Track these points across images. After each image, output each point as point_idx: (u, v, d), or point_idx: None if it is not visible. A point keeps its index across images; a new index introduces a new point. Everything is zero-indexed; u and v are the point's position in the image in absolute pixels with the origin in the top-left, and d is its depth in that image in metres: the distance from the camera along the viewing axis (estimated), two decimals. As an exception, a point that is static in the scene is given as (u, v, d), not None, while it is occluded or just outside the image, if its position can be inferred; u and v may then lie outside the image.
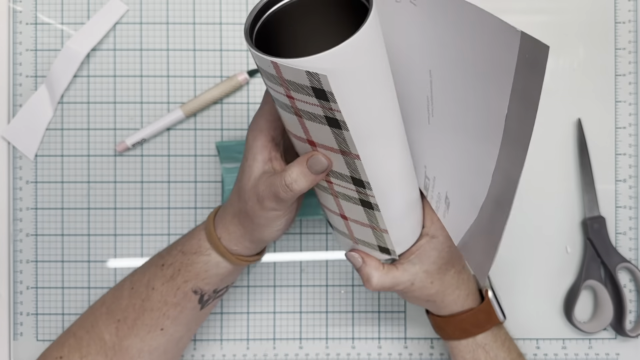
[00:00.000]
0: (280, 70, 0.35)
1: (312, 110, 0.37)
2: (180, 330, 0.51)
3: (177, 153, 0.63)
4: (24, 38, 0.62)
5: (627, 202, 0.63)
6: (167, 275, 0.50)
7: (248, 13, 0.38)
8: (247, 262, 0.49)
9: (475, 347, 0.52)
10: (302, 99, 0.37)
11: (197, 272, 0.49)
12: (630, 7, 0.63)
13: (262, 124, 0.44)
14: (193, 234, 0.50)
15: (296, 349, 0.63)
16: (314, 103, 0.36)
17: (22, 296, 0.62)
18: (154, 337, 0.50)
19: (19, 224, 0.63)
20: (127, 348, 0.50)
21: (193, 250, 0.49)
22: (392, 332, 0.64)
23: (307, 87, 0.35)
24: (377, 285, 0.49)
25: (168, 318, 0.50)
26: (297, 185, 0.41)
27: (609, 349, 0.63)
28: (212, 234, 0.48)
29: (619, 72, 0.63)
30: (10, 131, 0.62)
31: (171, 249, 0.51)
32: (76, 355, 0.51)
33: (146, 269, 0.52)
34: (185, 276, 0.49)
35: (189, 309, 0.50)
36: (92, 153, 0.63)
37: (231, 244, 0.48)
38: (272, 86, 0.38)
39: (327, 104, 0.36)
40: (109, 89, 0.63)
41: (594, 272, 0.62)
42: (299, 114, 0.38)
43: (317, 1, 0.39)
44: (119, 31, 0.63)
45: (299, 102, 0.37)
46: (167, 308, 0.50)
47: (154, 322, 0.50)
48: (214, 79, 0.63)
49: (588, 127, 0.63)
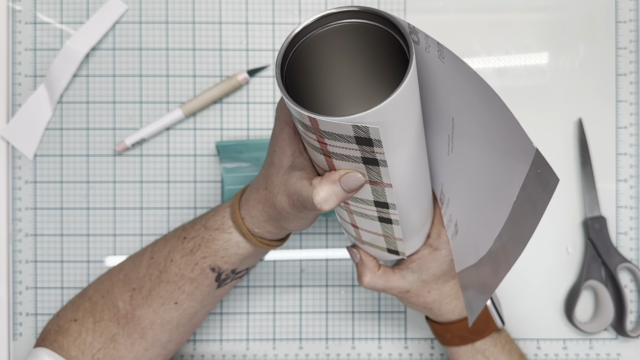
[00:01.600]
0: (318, 123, 0.34)
1: (348, 153, 0.37)
2: (195, 307, 0.51)
3: (176, 153, 0.63)
4: (23, 37, 0.62)
5: (628, 202, 0.63)
6: (187, 248, 0.49)
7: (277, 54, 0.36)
8: (269, 246, 0.48)
9: (474, 352, 0.52)
10: (338, 145, 0.36)
11: (216, 249, 0.48)
12: (631, 7, 0.63)
13: (288, 115, 0.42)
14: (218, 209, 0.49)
15: (296, 349, 0.63)
16: (353, 148, 0.36)
17: (21, 296, 0.62)
18: (167, 310, 0.50)
19: (18, 224, 0.62)
20: (140, 318, 0.50)
21: (215, 227, 0.48)
22: (392, 332, 0.63)
23: (350, 136, 0.35)
24: (367, 284, 0.51)
25: (183, 292, 0.50)
26: (327, 205, 0.38)
27: (609, 349, 0.63)
28: (236, 212, 0.47)
29: (619, 71, 0.63)
30: (10, 131, 0.62)
31: (195, 222, 0.50)
32: (90, 319, 0.51)
33: (168, 240, 0.51)
34: (204, 252, 0.48)
35: (205, 285, 0.50)
36: (91, 153, 0.63)
37: (254, 226, 0.47)
38: (303, 131, 0.37)
39: (369, 149, 0.36)
40: (109, 89, 0.63)
41: (594, 272, 0.62)
42: (328, 154, 0.38)
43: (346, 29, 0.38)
44: (119, 30, 0.63)
45: (332, 147, 0.36)
46: (184, 282, 0.49)
47: (168, 294, 0.50)
48: (214, 78, 0.63)
49: (589, 127, 0.63)
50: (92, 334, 0.50)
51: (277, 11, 0.63)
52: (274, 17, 0.63)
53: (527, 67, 0.63)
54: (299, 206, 0.41)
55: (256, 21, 0.63)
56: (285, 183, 0.41)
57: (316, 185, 0.38)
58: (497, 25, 0.63)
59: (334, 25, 0.38)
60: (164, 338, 0.52)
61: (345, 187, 0.38)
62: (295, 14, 0.63)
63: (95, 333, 0.50)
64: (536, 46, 0.63)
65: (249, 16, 0.63)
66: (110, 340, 0.50)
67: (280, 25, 0.63)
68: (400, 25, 0.36)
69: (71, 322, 0.52)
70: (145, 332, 0.51)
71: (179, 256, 0.49)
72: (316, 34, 0.38)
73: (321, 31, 0.38)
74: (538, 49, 0.63)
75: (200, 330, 0.63)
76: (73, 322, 0.51)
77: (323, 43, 0.39)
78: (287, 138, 0.41)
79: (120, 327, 0.50)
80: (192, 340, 0.63)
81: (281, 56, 0.36)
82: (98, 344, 0.50)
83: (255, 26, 0.63)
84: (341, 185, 0.38)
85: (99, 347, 0.50)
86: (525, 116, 0.63)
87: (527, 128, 0.64)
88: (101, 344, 0.50)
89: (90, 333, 0.50)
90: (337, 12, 0.37)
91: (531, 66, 0.63)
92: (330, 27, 0.38)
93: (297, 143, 0.41)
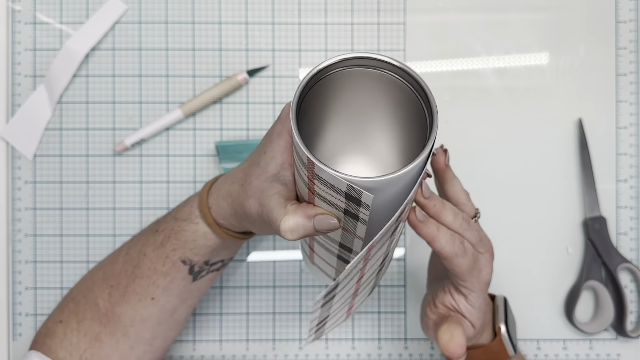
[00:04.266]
0: (314, 168, 0.33)
1: (332, 200, 0.35)
2: (173, 302, 0.50)
3: (176, 153, 0.63)
4: (23, 37, 0.62)
5: (628, 202, 0.63)
6: (157, 241, 0.48)
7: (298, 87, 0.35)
8: (236, 238, 0.47)
9: None
10: (326, 190, 0.35)
11: (185, 241, 0.47)
12: (631, 7, 0.63)
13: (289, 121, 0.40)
14: (188, 200, 0.48)
15: (296, 349, 0.63)
16: (340, 199, 0.35)
17: (21, 296, 0.62)
18: (145, 307, 0.49)
19: (18, 224, 0.62)
20: (119, 316, 0.50)
21: (183, 217, 0.47)
22: (392, 332, 0.63)
23: (340, 190, 0.34)
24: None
25: (158, 287, 0.49)
26: (292, 235, 0.36)
27: (609, 350, 0.63)
28: (204, 201, 0.46)
29: (620, 71, 0.63)
30: (9, 131, 0.62)
31: (167, 214, 0.50)
32: (73, 319, 0.51)
33: (142, 235, 0.51)
34: (173, 244, 0.48)
35: (179, 279, 0.49)
36: (91, 153, 0.63)
37: (219, 217, 0.46)
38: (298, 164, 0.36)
39: (355, 207, 0.35)
40: (108, 89, 0.63)
41: (594, 273, 0.62)
42: (312, 191, 0.36)
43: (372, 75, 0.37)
44: (118, 31, 0.63)
45: (320, 189, 0.35)
46: (157, 277, 0.48)
47: (143, 290, 0.49)
48: (213, 78, 0.63)
49: (589, 127, 0.63)
50: (77, 335, 0.50)
51: (276, 11, 0.63)
52: (273, 17, 0.63)
53: (527, 67, 0.63)
54: (265, 219, 0.39)
55: (256, 21, 0.63)
56: (263, 191, 0.40)
57: (289, 212, 0.37)
58: (497, 25, 0.63)
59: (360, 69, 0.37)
60: (147, 335, 0.51)
61: (317, 226, 0.36)
62: (295, 14, 0.63)
63: (80, 333, 0.50)
64: (536, 46, 0.63)
65: (249, 16, 0.63)
66: (95, 340, 0.50)
67: (280, 25, 0.63)
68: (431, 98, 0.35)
69: (57, 324, 0.51)
70: (127, 329, 0.50)
71: (151, 250, 0.48)
72: (341, 72, 0.37)
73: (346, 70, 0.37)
74: (538, 49, 0.63)
75: (200, 330, 0.63)
76: (59, 324, 0.51)
77: (345, 82, 0.38)
78: (283, 145, 0.40)
79: (102, 326, 0.50)
80: (191, 340, 0.63)
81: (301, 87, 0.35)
82: (84, 344, 0.50)
83: (254, 26, 0.63)
84: (314, 223, 0.36)
85: (85, 348, 0.50)
86: (525, 116, 0.63)
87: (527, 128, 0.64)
88: (87, 344, 0.50)
89: (75, 334, 0.50)
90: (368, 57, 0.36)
91: (531, 66, 0.63)
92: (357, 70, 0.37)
93: (289, 155, 0.40)
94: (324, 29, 0.63)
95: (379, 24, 0.63)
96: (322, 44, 0.63)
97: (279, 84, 0.63)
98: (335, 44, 0.63)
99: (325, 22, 0.63)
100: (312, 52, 0.63)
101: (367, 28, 0.63)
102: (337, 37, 0.63)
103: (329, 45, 0.63)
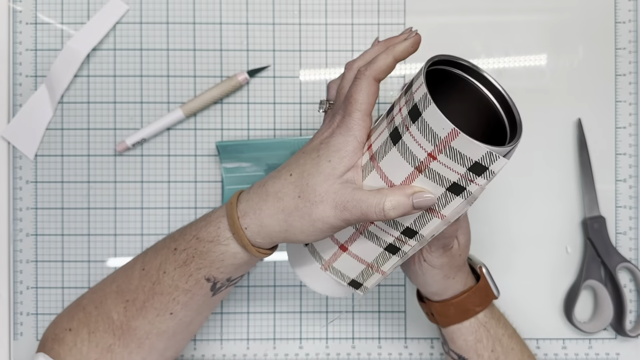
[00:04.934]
0: (453, 141, 0.37)
1: (446, 175, 0.39)
2: (190, 315, 0.51)
3: (177, 153, 0.63)
4: (24, 38, 0.62)
5: (627, 202, 0.63)
6: (179, 260, 0.48)
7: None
8: (265, 254, 0.48)
9: (478, 326, 0.52)
10: (448, 164, 0.38)
11: (212, 261, 0.47)
12: (630, 7, 0.63)
13: (359, 129, 0.42)
14: (210, 220, 0.48)
15: (296, 348, 0.63)
16: (458, 171, 0.38)
17: (22, 296, 0.62)
18: (163, 321, 0.50)
19: (19, 224, 0.63)
20: (135, 329, 0.50)
21: (210, 238, 0.47)
22: (392, 332, 0.64)
23: (470, 159, 0.38)
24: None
25: (178, 303, 0.49)
26: (394, 212, 0.40)
27: (609, 349, 0.63)
28: (236, 224, 0.45)
29: (619, 72, 0.63)
30: (10, 131, 0.62)
31: (185, 232, 0.49)
32: (84, 330, 0.51)
33: (158, 251, 0.50)
34: (198, 264, 0.48)
35: (200, 295, 0.49)
36: (92, 153, 0.63)
37: (258, 236, 0.45)
38: (417, 137, 0.39)
39: (473, 177, 0.38)
40: (109, 89, 0.63)
41: (594, 272, 0.62)
42: (421, 169, 0.40)
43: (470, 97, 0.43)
44: (119, 31, 0.63)
45: (438, 164, 0.39)
46: (178, 293, 0.49)
47: (163, 306, 0.49)
48: (214, 78, 0.63)
49: (588, 127, 0.63)
50: (87, 345, 0.50)
51: (277, 12, 0.63)
52: (274, 17, 0.63)
53: (527, 68, 0.63)
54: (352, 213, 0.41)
55: (256, 22, 0.63)
56: (336, 192, 0.41)
57: (388, 193, 0.40)
58: (496, 26, 0.63)
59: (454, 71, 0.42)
60: (160, 346, 0.51)
61: (415, 203, 0.40)
62: (296, 15, 0.63)
63: (91, 344, 0.50)
64: (536, 47, 0.63)
65: (249, 17, 0.63)
66: (107, 351, 0.50)
67: (281, 26, 0.63)
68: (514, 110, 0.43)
69: (66, 332, 0.51)
70: (142, 342, 0.50)
71: (172, 268, 0.49)
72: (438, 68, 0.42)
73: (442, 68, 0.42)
74: (537, 50, 0.63)
75: (201, 330, 0.63)
76: (68, 332, 0.51)
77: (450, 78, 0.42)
78: (351, 150, 0.42)
79: (116, 338, 0.50)
80: (192, 340, 0.63)
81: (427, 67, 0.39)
82: (94, 354, 0.50)
83: (255, 27, 0.63)
84: (412, 200, 0.40)
85: (95, 357, 0.50)
86: (524, 116, 0.63)
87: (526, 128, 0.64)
88: (97, 354, 0.50)
89: (85, 344, 0.50)
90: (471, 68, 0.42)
91: (531, 67, 0.63)
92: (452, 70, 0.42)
93: (357, 158, 0.42)
94: (324, 30, 0.63)
95: (379, 24, 0.63)
96: (322, 45, 0.63)
97: (280, 85, 0.63)
98: (336, 44, 0.63)
99: (326, 23, 0.63)
100: (313, 52, 0.63)
101: (367, 29, 0.63)
102: (337, 37, 0.63)
103: (329, 45, 0.63)
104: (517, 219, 0.63)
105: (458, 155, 0.38)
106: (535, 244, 0.63)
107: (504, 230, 0.63)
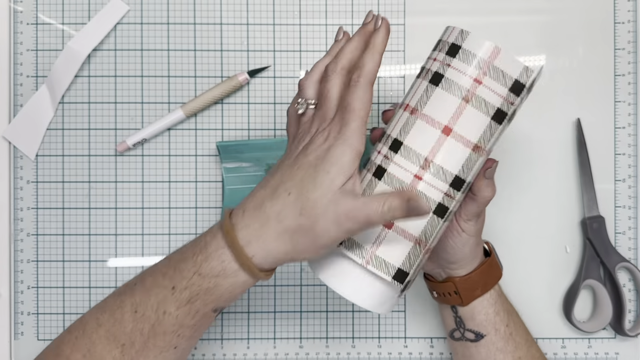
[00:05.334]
0: (498, 56, 0.43)
1: (490, 100, 0.43)
2: (194, 343, 0.49)
3: (177, 153, 0.63)
4: (25, 38, 0.63)
5: (627, 201, 0.63)
6: (181, 299, 0.46)
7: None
8: (269, 276, 0.47)
9: (497, 297, 0.54)
10: (491, 86, 0.43)
11: (220, 294, 0.45)
12: (629, 7, 0.63)
13: (358, 138, 0.42)
14: (208, 253, 0.45)
15: (296, 348, 0.63)
16: (501, 94, 0.43)
17: (22, 296, 0.63)
18: (166, 356, 0.48)
19: (20, 224, 0.63)
20: None
21: (215, 273, 0.45)
22: (392, 331, 0.64)
23: (511, 78, 0.43)
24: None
25: (183, 338, 0.47)
26: (395, 214, 0.40)
27: (608, 349, 0.64)
28: (242, 254, 0.44)
29: (618, 72, 0.64)
30: (11, 131, 0.62)
31: (180, 269, 0.46)
32: None
33: (149, 290, 0.47)
34: (205, 300, 0.45)
35: (207, 325, 0.48)
36: (92, 153, 0.63)
37: (265, 262, 0.44)
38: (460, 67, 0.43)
39: (513, 98, 0.43)
40: (110, 89, 0.63)
41: (593, 272, 0.62)
42: (468, 99, 0.43)
43: None
44: (120, 31, 0.63)
45: (483, 88, 0.43)
46: (183, 330, 0.47)
47: (166, 343, 0.47)
48: (215, 79, 0.63)
49: (587, 127, 0.63)
50: None
51: (277, 12, 0.63)
52: (274, 18, 0.63)
53: (526, 68, 0.63)
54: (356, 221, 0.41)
55: (257, 22, 0.63)
56: (337, 203, 0.41)
57: (387, 197, 0.41)
58: (496, 26, 0.64)
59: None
60: None
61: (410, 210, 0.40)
62: (296, 16, 0.63)
63: None
64: (535, 47, 0.64)
65: (250, 17, 0.63)
66: None
67: (281, 26, 0.63)
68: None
69: None
70: None
71: (174, 308, 0.46)
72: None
73: None
74: (537, 50, 0.64)
75: (201, 329, 0.63)
76: None
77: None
78: (349, 160, 0.42)
79: None
80: (192, 339, 0.63)
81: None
82: None
83: (255, 27, 0.63)
84: (406, 205, 0.40)
85: None
86: (524, 116, 0.63)
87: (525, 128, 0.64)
88: None
89: None
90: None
91: (530, 67, 0.63)
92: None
93: (356, 167, 0.43)
94: (325, 30, 0.63)
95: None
96: (322, 45, 0.63)
97: (280, 85, 0.63)
98: (336, 44, 0.63)
99: (326, 24, 0.63)
100: (313, 53, 0.63)
101: (367, 29, 0.63)
102: (337, 38, 0.63)
103: (329, 46, 0.63)
104: (517, 218, 0.63)
105: (501, 74, 0.43)
106: (534, 244, 0.63)
107: (504, 229, 0.63)
